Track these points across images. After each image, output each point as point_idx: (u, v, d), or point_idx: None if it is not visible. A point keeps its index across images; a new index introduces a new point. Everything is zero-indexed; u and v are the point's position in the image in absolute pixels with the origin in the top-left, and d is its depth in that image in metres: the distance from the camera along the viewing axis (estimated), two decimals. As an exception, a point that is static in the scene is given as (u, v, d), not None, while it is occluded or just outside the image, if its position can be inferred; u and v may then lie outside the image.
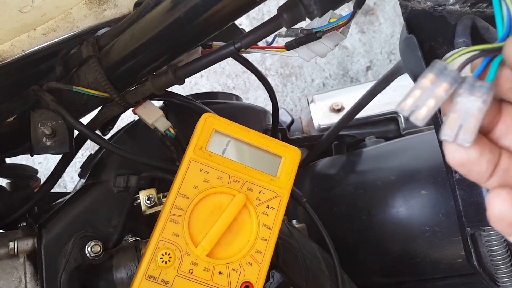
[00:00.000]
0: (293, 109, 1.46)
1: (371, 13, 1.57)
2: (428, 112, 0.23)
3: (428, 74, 0.23)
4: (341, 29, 0.44)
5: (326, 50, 0.45)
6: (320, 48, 0.45)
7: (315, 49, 0.46)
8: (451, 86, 0.23)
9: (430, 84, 0.23)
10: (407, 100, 0.23)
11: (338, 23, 0.41)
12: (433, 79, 0.23)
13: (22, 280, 0.45)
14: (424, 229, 0.57)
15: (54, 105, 0.49)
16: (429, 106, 0.23)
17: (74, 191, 0.55)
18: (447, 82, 0.23)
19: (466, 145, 0.23)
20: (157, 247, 0.39)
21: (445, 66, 0.23)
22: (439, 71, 0.23)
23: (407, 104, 0.23)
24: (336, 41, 0.45)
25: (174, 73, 0.46)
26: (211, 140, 0.42)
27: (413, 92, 0.23)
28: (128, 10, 0.50)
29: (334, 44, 0.45)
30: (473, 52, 0.24)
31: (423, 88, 0.23)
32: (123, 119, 0.77)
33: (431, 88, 0.23)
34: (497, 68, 0.24)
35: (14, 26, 0.45)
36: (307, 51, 0.46)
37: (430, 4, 0.41)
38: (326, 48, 0.45)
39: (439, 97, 0.23)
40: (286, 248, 0.51)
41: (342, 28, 0.44)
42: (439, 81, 0.23)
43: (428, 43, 0.43)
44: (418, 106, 0.23)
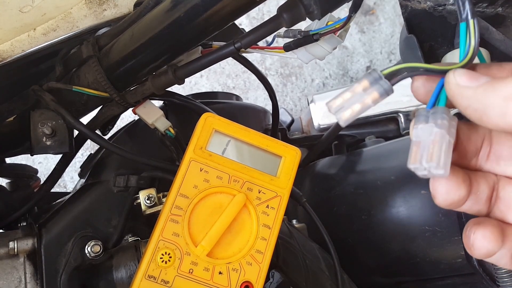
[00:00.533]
0: (293, 109, 1.46)
1: (371, 13, 1.57)
2: (351, 115, 0.25)
3: (363, 81, 0.25)
4: (339, 32, 0.44)
5: (324, 53, 0.46)
6: (318, 50, 0.45)
7: (313, 51, 0.46)
8: (381, 97, 0.24)
9: (362, 90, 0.24)
10: (336, 99, 0.25)
11: (335, 26, 0.41)
12: (366, 86, 0.24)
13: (22, 280, 0.45)
14: (424, 229, 0.57)
15: (54, 105, 0.49)
16: (354, 109, 0.25)
17: (74, 191, 0.55)
18: (378, 92, 0.24)
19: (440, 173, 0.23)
20: (157, 247, 0.39)
21: (381, 76, 0.24)
22: (374, 80, 0.24)
23: (335, 103, 0.25)
24: (333, 45, 0.45)
25: (174, 73, 0.46)
26: (211, 140, 0.42)
27: (344, 94, 0.25)
28: (128, 10, 0.50)
29: (332, 47, 0.45)
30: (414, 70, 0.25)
31: (354, 92, 0.25)
32: (123, 119, 0.77)
33: (362, 94, 0.25)
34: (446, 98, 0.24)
35: (14, 26, 0.45)
36: (305, 53, 0.46)
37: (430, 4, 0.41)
38: (324, 51, 0.45)
39: (366, 103, 0.25)
40: (286, 248, 0.51)
41: (340, 31, 0.44)
42: (371, 89, 0.24)
43: (428, 43, 0.43)
44: (343, 107, 0.25)
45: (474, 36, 0.23)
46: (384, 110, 0.85)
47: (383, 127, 0.85)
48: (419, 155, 0.24)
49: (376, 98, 0.24)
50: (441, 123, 0.23)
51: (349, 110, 0.25)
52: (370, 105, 0.24)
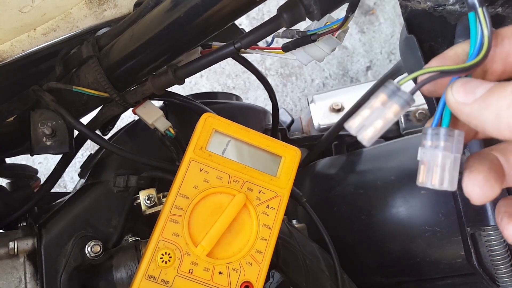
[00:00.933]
0: (293, 109, 1.46)
1: (371, 13, 1.57)
2: (375, 133, 0.23)
3: (380, 95, 0.23)
4: (337, 33, 0.44)
5: (323, 55, 0.45)
6: (316, 52, 0.45)
7: (312, 53, 0.46)
8: (402, 109, 0.23)
9: (380, 105, 0.23)
10: (355, 118, 0.23)
11: (332, 26, 0.41)
12: (384, 100, 0.23)
13: (22, 280, 0.45)
14: (424, 229, 0.57)
15: (54, 105, 0.49)
16: (376, 127, 0.23)
17: (74, 191, 0.55)
18: (398, 104, 0.23)
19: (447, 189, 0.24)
20: (157, 247, 0.39)
21: (398, 87, 0.23)
22: (392, 92, 0.23)
23: (355, 123, 0.23)
24: (332, 46, 0.45)
25: (174, 73, 0.46)
26: (211, 140, 0.42)
27: (363, 112, 0.23)
28: (128, 10, 0.50)
29: (330, 48, 0.45)
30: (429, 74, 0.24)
31: (373, 108, 0.23)
32: (123, 119, 0.77)
33: (381, 109, 0.23)
34: (450, 116, 0.24)
35: (14, 26, 0.45)
36: (304, 55, 0.46)
37: (430, 4, 0.41)
38: (323, 52, 0.45)
39: (387, 118, 0.23)
40: (286, 248, 0.51)
41: (338, 32, 0.44)
42: (390, 103, 0.23)
43: (428, 43, 0.43)
44: (365, 126, 0.23)
45: (486, 25, 0.22)
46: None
47: (383, 127, 0.85)
48: (425, 176, 0.24)
49: (398, 111, 0.23)
50: (444, 145, 0.23)
51: (371, 128, 0.23)
52: (392, 119, 0.23)
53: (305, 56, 0.47)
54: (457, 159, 0.24)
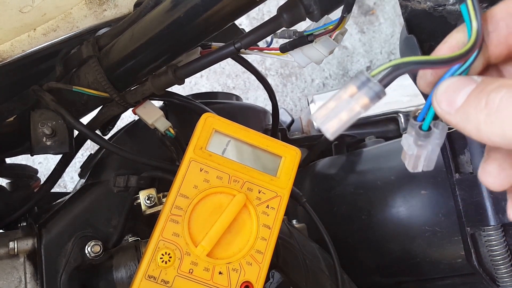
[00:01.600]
0: (293, 109, 1.46)
1: (371, 13, 1.57)
2: (339, 125, 0.22)
3: (349, 86, 0.22)
4: (335, 35, 0.44)
5: (321, 57, 0.45)
6: (314, 54, 0.45)
7: (310, 54, 0.46)
8: (371, 101, 0.22)
9: (348, 96, 0.22)
10: (321, 109, 0.22)
11: (328, 26, 0.41)
12: (353, 92, 0.22)
13: (22, 280, 0.45)
14: (424, 229, 0.57)
15: (54, 105, 0.49)
16: (341, 119, 0.22)
17: (74, 191, 0.55)
18: (367, 96, 0.22)
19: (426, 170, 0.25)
20: (157, 247, 0.39)
21: (369, 79, 0.22)
22: (362, 83, 0.22)
23: (320, 114, 0.22)
24: (329, 48, 0.45)
25: (174, 73, 0.46)
26: (211, 140, 0.42)
27: (329, 103, 0.22)
28: (128, 10, 0.50)
29: (327, 50, 0.45)
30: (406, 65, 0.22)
31: (339, 100, 0.22)
32: (123, 119, 0.77)
33: (349, 101, 0.22)
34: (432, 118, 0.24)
35: (14, 26, 0.45)
36: (302, 57, 0.46)
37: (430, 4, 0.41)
38: (320, 54, 0.45)
39: (354, 110, 0.22)
40: (286, 248, 0.51)
41: (336, 34, 0.44)
42: (359, 94, 0.22)
43: (428, 43, 0.43)
44: (329, 118, 0.22)
45: (476, 18, 0.21)
46: (384, 110, 0.85)
47: (383, 127, 0.85)
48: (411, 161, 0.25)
49: (366, 103, 0.21)
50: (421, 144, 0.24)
51: (335, 120, 0.22)
52: (359, 111, 0.22)
53: (303, 58, 0.47)
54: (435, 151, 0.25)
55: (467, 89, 0.22)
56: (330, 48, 0.45)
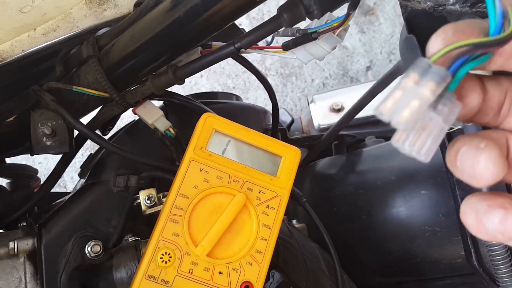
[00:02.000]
0: (293, 109, 1.46)
1: (371, 13, 1.57)
2: (411, 114, 0.20)
3: (411, 74, 0.20)
4: (338, 32, 0.44)
5: (323, 53, 0.45)
6: (317, 50, 0.45)
7: (312, 51, 0.46)
8: (438, 85, 0.20)
9: (413, 84, 0.20)
10: (386, 102, 0.20)
11: (333, 24, 0.41)
12: (417, 79, 0.20)
13: (22, 280, 0.45)
14: (424, 229, 0.57)
15: (54, 105, 0.49)
16: (412, 107, 0.20)
17: (74, 191, 0.55)
18: (433, 81, 0.20)
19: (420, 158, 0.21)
20: (157, 247, 0.39)
21: (430, 64, 0.20)
22: (424, 70, 0.20)
23: (386, 106, 0.20)
24: (332, 44, 0.45)
25: (174, 73, 0.46)
26: (211, 140, 0.42)
27: (394, 94, 0.20)
28: (128, 10, 0.50)
29: (330, 47, 0.45)
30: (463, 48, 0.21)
31: (405, 89, 0.20)
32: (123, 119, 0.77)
33: (415, 89, 0.20)
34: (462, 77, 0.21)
35: (14, 26, 0.45)
36: (304, 53, 0.46)
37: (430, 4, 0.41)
38: (323, 50, 0.45)
39: (424, 97, 0.20)
40: (286, 248, 0.51)
41: (339, 31, 0.44)
42: (424, 81, 0.20)
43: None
44: (399, 108, 0.20)
45: None
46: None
47: (383, 127, 0.85)
48: (405, 135, 0.21)
49: (434, 88, 0.20)
50: (441, 109, 0.20)
51: (406, 110, 0.20)
52: (429, 98, 0.20)
53: (306, 55, 0.47)
54: (443, 132, 0.21)
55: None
56: (333, 44, 0.45)
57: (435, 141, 0.21)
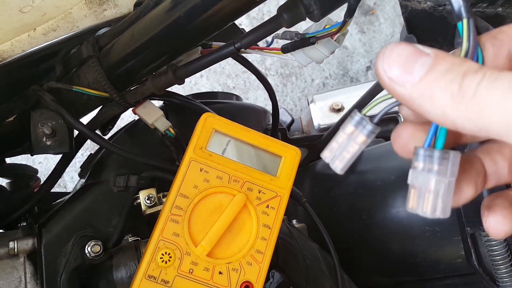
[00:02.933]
0: (293, 109, 1.46)
1: (371, 13, 1.57)
2: (344, 163, 0.25)
3: (347, 126, 0.24)
4: (336, 37, 0.45)
5: (321, 57, 0.46)
6: (316, 54, 0.45)
7: (311, 54, 0.46)
8: (368, 138, 0.24)
9: (347, 136, 0.24)
10: (326, 150, 0.25)
11: (331, 30, 0.41)
12: (352, 131, 0.24)
13: (22, 280, 0.45)
14: (424, 229, 0.57)
15: (54, 105, 0.49)
16: (344, 158, 0.25)
17: (74, 191, 0.55)
18: (363, 135, 0.24)
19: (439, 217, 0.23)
20: (157, 246, 0.39)
21: (363, 118, 0.24)
22: (358, 122, 0.24)
23: (326, 154, 0.25)
24: (331, 49, 0.45)
25: (174, 73, 0.46)
26: (211, 140, 0.42)
27: (332, 144, 0.25)
28: (128, 10, 0.50)
29: (329, 51, 0.45)
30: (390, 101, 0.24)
31: (341, 139, 0.25)
32: (123, 119, 0.77)
33: (348, 140, 0.24)
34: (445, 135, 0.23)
35: (14, 26, 0.45)
36: (303, 56, 0.47)
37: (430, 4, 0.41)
38: (321, 54, 0.45)
39: (354, 149, 0.24)
40: (286, 248, 0.51)
41: (337, 36, 0.44)
42: (356, 133, 0.24)
43: (428, 43, 0.43)
44: (335, 157, 0.25)
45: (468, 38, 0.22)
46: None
47: (383, 127, 0.84)
48: (416, 201, 0.23)
49: (364, 140, 0.24)
50: (438, 169, 0.22)
51: (340, 159, 0.25)
52: (360, 148, 0.24)
53: (305, 58, 0.47)
54: (452, 183, 0.23)
55: (423, 61, 0.20)
56: (331, 49, 0.45)
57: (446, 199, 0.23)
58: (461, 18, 0.22)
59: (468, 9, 0.22)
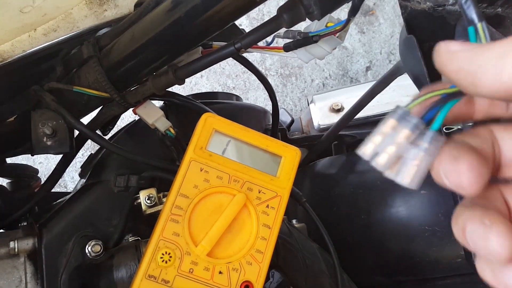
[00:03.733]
0: (293, 109, 1.47)
1: (371, 14, 1.57)
2: (388, 158, 0.23)
3: (389, 120, 0.23)
4: (338, 33, 0.45)
5: (324, 53, 0.46)
6: (318, 51, 0.46)
7: (313, 51, 0.46)
8: (413, 133, 0.23)
9: (391, 130, 0.23)
10: (367, 145, 0.24)
11: (335, 28, 0.42)
12: (394, 125, 0.23)
13: (22, 280, 0.45)
14: (424, 229, 0.57)
15: (54, 105, 0.49)
16: (389, 152, 0.23)
17: (75, 191, 0.55)
18: (408, 129, 0.23)
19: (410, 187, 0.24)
20: (157, 246, 0.39)
21: (407, 112, 0.23)
22: (401, 117, 0.23)
23: (367, 149, 0.24)
24: (333, 45, 0.45)
25: (175, 73, 0.46)
26: (211, 140, 0.42)
27: (374, 138, 0.24)
28: (128, 10, 0.50)
29: (331, 48, 0.45)
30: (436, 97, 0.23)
31: (384, 134, 0.23)
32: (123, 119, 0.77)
33: (392, 134, 0.23)
34: (444, 117, 0.23)
35: (14, 26, 0.46)
36: (305, 53, 0.47)
37: (429, 5, 0.41)
38: (324, 51, 0.45)
39: (399, 143, 0.23)
40: (286, 248, 0.51)
41: (339, 32, 0.45)
42: (400, 127, 0.23)
43: (428, 44, 0.43)
44: (378, 153, 0.23)
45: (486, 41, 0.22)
46: (384, 110, 0.85)
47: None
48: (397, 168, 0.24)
49: (408, 135, 0.23)
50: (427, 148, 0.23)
51: (384, 155, 0.23)
52: (404, 144, 0.23)
53: (306, 55, 0.47)
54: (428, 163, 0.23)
55: None
56: (334, 46, 0.45)
57: (421, 172, 0.24)
58: (475, 23, 0.22)
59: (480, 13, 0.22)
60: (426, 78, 0.42)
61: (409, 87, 0.81)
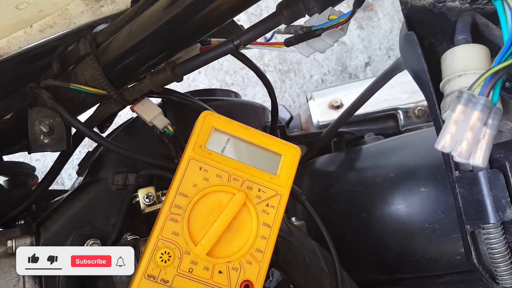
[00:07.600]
0: (291, 105, 1.46)
1: (370, 9, 1.57)
2: (469, 145, 0.23)
3: (458, 106, 0.23)
4: (341, 26, 0.44)
5: (326, 46, 0.45)
6: (319, 44, 0.45)
7: (315, 45, 0.45)
8: (484, 113, 0.23)
9: (462, 115, 0.23)
10: (445, 137, 0.23)
11: (339, 21, 0.41)
12: (463, 110, 0.23)
13: (20, 279, 0.45)
14: (424, 226, 0.57)
15: (51, 102, 0.48)
16: (468, 138, 0.23)
17: (72, 189, 0.55)
18: (478, 110, 0.23)
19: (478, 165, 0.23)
20: (156, 246, 0.39)
21: (472, 94, 0.23)
22: (467, 100, 0.23)
23: (446, 141, 0.23)
24: (335, 38, 0.45)
25: (172, 70, 0.46)
26: (211, 138, 0.42)
27: (449, 128, 0.23)
28: (125, 7, 0.50)
29: (333, 40, 0.45)
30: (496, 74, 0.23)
31: (456, 121, 0.23)
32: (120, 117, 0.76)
33: (465, 120, 0.23)
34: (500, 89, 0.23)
35: (10, 23, 0.45)
36: (306, 47, 0.46)
37: (430, 1, 0.41)
38: (326, 44, 0.45)
39: (474, 127, 0.23)
40: (285, 246, 0.51)
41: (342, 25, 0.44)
42: (471, 111, 0.23)
43: (428, 40, 0.43)
44: (457, 142, 0.23)
45: None
46: (383, 107, 0.85)
47: (382, 124, 0.85)
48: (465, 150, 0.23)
49: (480, 116, 0.23)
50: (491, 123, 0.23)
51: (464, 142, 0.23)
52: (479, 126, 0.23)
53: (307, 49, 0.46)
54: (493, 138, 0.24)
55: None
56: (336, 38, 0.45)
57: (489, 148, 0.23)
58: None
59: None
60: (427, 75, 0.41)
61: (408, 84, 0.81)
